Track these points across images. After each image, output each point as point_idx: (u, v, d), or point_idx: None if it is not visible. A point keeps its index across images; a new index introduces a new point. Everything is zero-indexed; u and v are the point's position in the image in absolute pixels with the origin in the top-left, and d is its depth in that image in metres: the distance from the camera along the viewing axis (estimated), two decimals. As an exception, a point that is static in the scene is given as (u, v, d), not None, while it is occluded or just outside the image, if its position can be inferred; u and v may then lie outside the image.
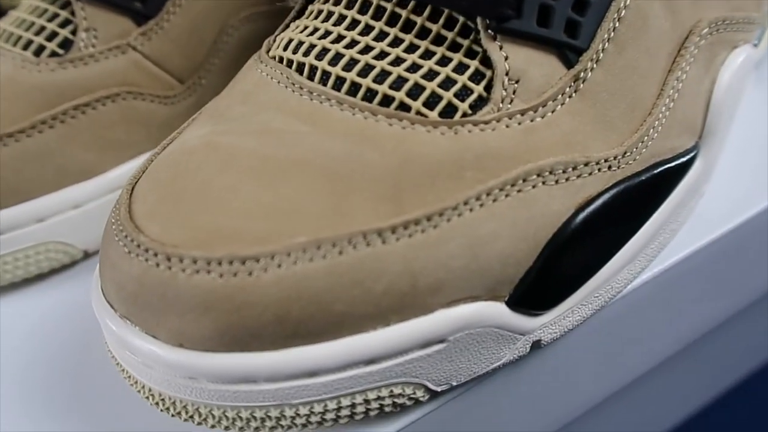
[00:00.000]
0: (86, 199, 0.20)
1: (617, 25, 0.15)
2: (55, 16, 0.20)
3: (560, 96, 0.15)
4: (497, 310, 0.14)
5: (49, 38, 0.20)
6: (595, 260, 0.15)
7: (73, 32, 0.20)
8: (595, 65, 0.15)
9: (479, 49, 0.15)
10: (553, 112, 0.15)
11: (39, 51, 0.20)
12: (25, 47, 0.20)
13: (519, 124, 0.14)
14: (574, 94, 0.15)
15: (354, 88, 0.15)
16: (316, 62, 0.15)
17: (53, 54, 0.20)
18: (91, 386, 0.18)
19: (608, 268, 0.15)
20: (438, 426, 0.15)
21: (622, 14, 0.15)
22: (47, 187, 0.19)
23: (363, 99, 0.14)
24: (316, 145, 0.14)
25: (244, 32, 0.23)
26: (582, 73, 0.15)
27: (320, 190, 0.13)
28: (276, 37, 0.18)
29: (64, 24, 0.20)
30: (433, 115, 0.14)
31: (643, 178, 0.15)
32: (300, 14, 0.18)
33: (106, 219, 0.21)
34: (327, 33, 0.16)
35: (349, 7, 0.16)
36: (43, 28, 0.20)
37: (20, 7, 0.21)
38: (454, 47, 0.15)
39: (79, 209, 0.20)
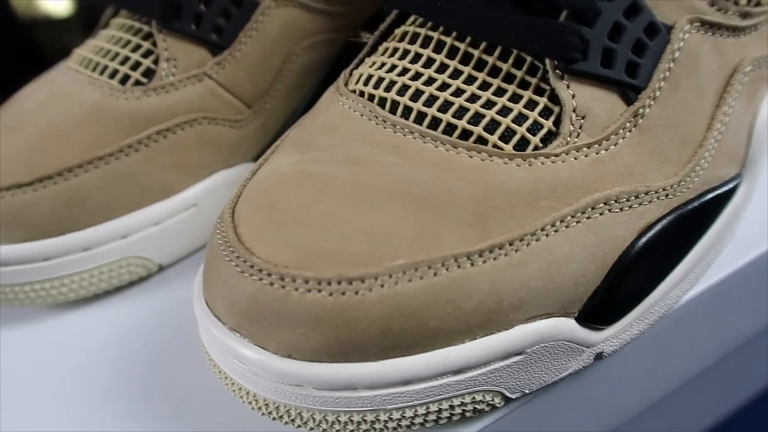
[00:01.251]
0: (164, 217, 0.22)
1: (672, 65, 0.17)
2: (138, 47, 0.22)
3: (621, 130, 0.16)
4: (568, 326, 0.15)
5: (134, 68, 0.21)
6: (652, 280, 0.17)
7: (155, 62, 0.21)
8: (652, 102, 0.16)
9: (547, 87, 0.16)
10: (615, 145, 0.16)
11: (124, 80, 0.21)
12: (112, 76, 0.21)
13: (586, 156, 0.16)
14: (633, 129, 0.16)
15: (434, 123, 0.16)
16: (397, 98, 0.17)
17: (137, 83, 0.21)
18: (171, 388, 0.19)
19: (663, 286, 0.17)
20: (510, 427, 0.16)
21: (676, 55, 0.17)
22: (131, 206, 0.21)
23: (443, 132, 0.16)
24: (405, 175, 0.15)
25: (305, 59, 0.24)
26: (641, 110, 0.16)
27: (412, 217, 0.15)
28: (351, 71, 0.19)
29: (146, 54, 0.21)
30: (509, 148, 0.16)
31: (696, 204, 0.17)
32: (372, 51, 0.19)
33: (181, 235, 0.23)
34: (405, 70, 0.17)
35: (424, 46, 0.18)
36: (127, 59, 0.21)
37: (100, 36, 0.23)
38: (524, 85, 0.16)
39: (158, 226, 0.22)
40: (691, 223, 0.17)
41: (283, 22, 0.23)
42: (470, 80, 0.17)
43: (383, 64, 0.18)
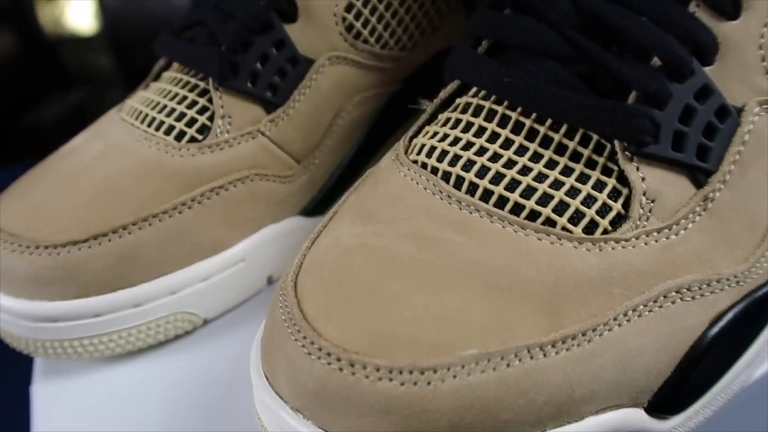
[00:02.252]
0: (213, 273, 0.22)
1: (742, 148, 0.17)
2: (194, 103, 0.22)
3: (691, 215, 0.16)
4: (638, 416, 0.15)
5: (189, 124, 0.21)
6: (721, 367, 0.16)
7: (210, 119, 0.21)
8: (722, 186, 0.16)
9: (614, 167, 0.16)
10: (685, 230, 0.16)
11: (180, 136, 0.21)
12: (168, 132, 0.21)
13: (656, 241, 0.15)
14: (703, 213, 0.16)
15: (501, 201, 0.16)
16: (462, 173, 0.17)
17: (192, 139, 0.21)
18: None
19: (731, 372, 0.16)
20: None
21: (746, 138, 0.17)
22: (182, 263, 0.21)
23: (511, 212, 0.16)
24: (474, 256, 0.15)
25: (355, 114, 0.24)
26: (711, 194, 0.16)
27: (483, 302, 0.14)
28: (410, 139, 0.19)
29: (202, 111, 0.22)
30: (577, 230, 0.15)
31: (766, 290, 0.16)
32: (432, 119, 0.19)
33: (228, 289, 0.23)
34: (469, 144, 0.17)
35: (488, 119, 0.17)
36: (183, 115, 0.21)
37: (153, 89, 0.23)
38: (591, 164, 0.16)
39: (206, 282, 0.22)
40: (761, 308, 0.17)
41: (336, 80, 0.23)
42: (536, 158, 0.17)
43: (446, 136, 0.18)
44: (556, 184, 0.16)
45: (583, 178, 0.16)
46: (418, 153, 0.18)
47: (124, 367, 0.22)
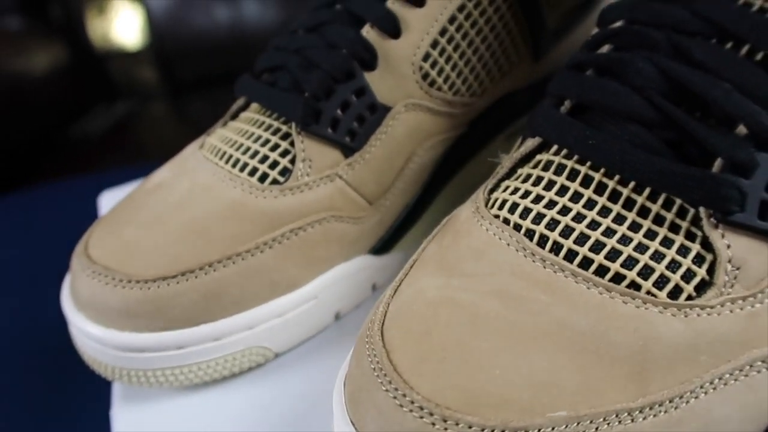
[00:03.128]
0: (288, 309, 0.23)
1: (827, 218, 0.17)
2: (277, 146, 0.23)
3: (777, 284, 0.16)
4: (721, 484, 0.15)
5: (272, 166, 0.22)
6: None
7: (292, 161, 0.22)
8: (807, 256, 0.16)
9: (698, 233, 0.16)
10: (770, 298, 0.16)
11: (263, 178, 0.22)
12: (252, 173, 0.22)
13: (741, 309, 0.16)
14: (788, 282, 0.16)
15: (586, 262, 0.16)
16: (546, 231, 0.17)
17: (275, 181, 0.22)
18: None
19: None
20: None
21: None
22: (260, 300, 0.22)
23: (595, 273, 0.16)
24: (560, 317, 0.16)
25: (425, 158, 0.25)
26: (796, 263, 0.16)
27: (571, 365, 0.15)
28: (490, 192, 0.20)
29: (284, 154, 0.23)
30: (662, 295, 0.16)
31: None
32: (510, 174, 0.20)
33: (300, 325, 0.23)
34: (552, 203, 0.18)
35: (570, 179, 0.18)
36: (266, 157, 0.22)
37: (234, 129, 0.24)
38: (674, 228, 0.17)
39: (281, 318, 0.22)
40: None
41: (410, 126, 0.24)
42: (620, 220, 0.17)
43: (527, 193, 0.18)
44: (641, 248, 0.16)
45: (667, 243, 0.16)
46: (500, 208, 0.19)
47: (199, 395, 0.22)
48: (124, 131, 0.98)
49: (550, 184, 0.18)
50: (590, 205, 0.17)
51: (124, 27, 1.16)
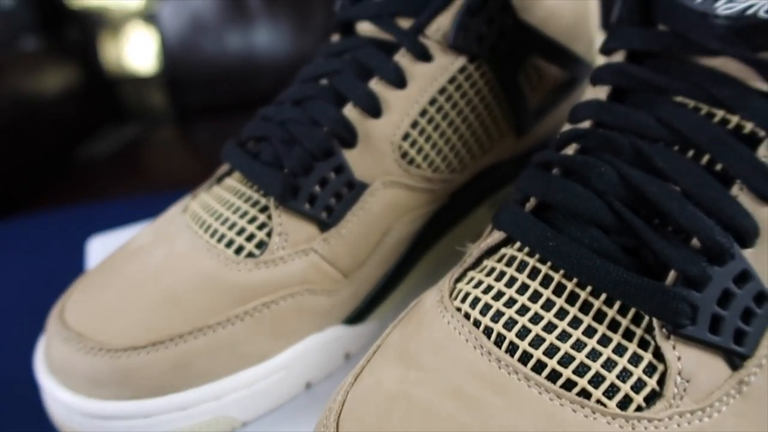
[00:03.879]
0: (257, 380, 0.23)
1: (778, 330, 0.17)
2: (255, 219, 0.23)
3: (725, 397, 0.16)
4: None
5: (249, 239, 0.23)
6: None
7: (269, 234, 0.23)
8: (758, 370, 0.17)
9: (651, 341, 0.17)
10: (719, 413, 0.16)
11: (239, 250, 0.23)
12: (228, 245, 0.23)
13: (689, 423, 0.16)
14: (737, 396, 0.17)
15: (540, 366, 0.17)
16: (504, 331, 0.18)
17: (250, 254, 0.23)
18: None
19: None
20: None
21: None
22: (229, 371, 0.22)
23: (548, 378, 0.17)
24: (510, 423, 0.16)
25: (402, 232, 0.26)
26: (746, 378, 0.17)
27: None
28: (455, 282, 0.20)
29: (261, 227, 0.23)
30: (612, 405, 0.16)
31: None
32: (476, 265, 0.20)
33: (268, 396, 0.24)
34: (512, 301, 0.18)
35: (531, 277, 0.18)
36: (243, 230, 0.23)
37: (216, 195, 0.25)
38: (628, 335, 0.17)
39: (249, 389, 0.23)
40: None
41: (388, 202, 0.25)
42: (575, 323, 0.17)
43: (489, 288, 0.19)
44: (594, 354, 0.17)
45: (620, 350, 0.17)
46: (462, 301, 0.19)
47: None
48: (130, 155, 0.99)
49: (511, 281, 0.19)
50: (548, 306, 0.18)
51: (137, 52, 1.19)
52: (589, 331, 0.17)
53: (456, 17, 0.24)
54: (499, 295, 0.18)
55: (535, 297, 0.18)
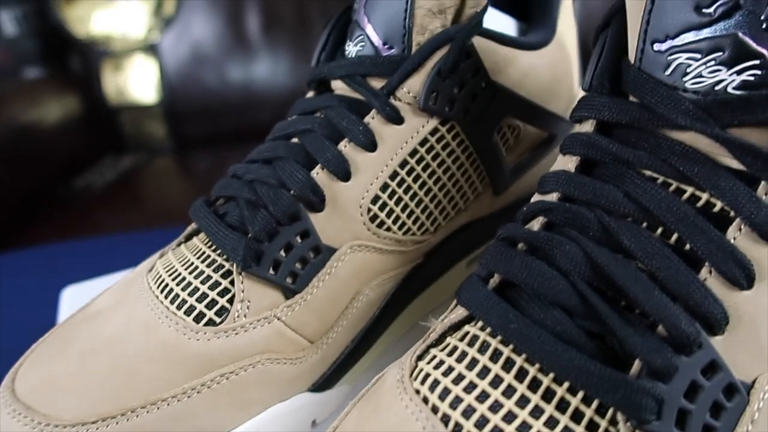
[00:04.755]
0: (214, 455, 0.22)
1: (750, 428, 0.16)
2: (217, 284, 0.23)
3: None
4: None
5: (209, 306, 0.22)
6: None
7: (230, 301, 0.22)
8: None
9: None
10: None
11: (199, 318, 0.22)
12: (188, 312, 0.22)
13: None
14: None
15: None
16: (461, 420, 0.17)
17: (210, 321, 0.22)
18: None
19: None
20: None
21: (755, 417, 0.16)
22: (184, 445, 0.21)
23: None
24: None
25: (372, 295, 0.25)
26: None
27: None
28: (418, 359, 0.19)
29: (223, 293, 0.22)
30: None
31: None
32: (439, 341, 0.19)
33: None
34: (472, 385, 0.17)
35: (493, 360, 0.18)
36: (205, 296, 0.22)
37: (181, 256, 0.24)
38: (592, 427, 0.16)
39: (205, 463, 0.22)
40: None
41: (356, 266, 0.24)
42: (537, 413, 0.16)
43: (450, 370, 0.18)
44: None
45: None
46: (422, 383, 0.18)
47: None
48: (128, 185, 0.99)
49: (472, 363, 0.18)
50: (509, 393, 0.17)
51: (138, 82, 1.20)
52: (551, 423, 0.16)
53: (427, 80, 0.23)
54: (459, 379, 0.18)
55: (496, 382, 0.17)
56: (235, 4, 1.03)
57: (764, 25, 0.17)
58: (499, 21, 0.29)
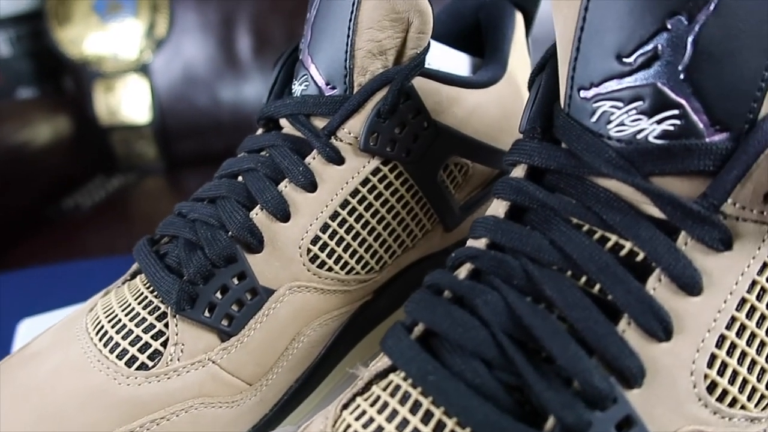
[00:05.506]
0: (144, 502, 0.22)
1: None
2: (152, 327, 0.22)
3: None
4: None
5: (142, 349, 0.22)
6: None
7: (164, 344, 0.22)
8: None
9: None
10: None
11: (131, 362, 0.22)
12: (120, 356, 0.22)
13: None
14: None
15: None
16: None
17: (142, 365, 0.22)
18: None
19: None
20: None
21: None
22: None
23: None
24: None
25: (313, 336, 0.25)
26: None
27: None
28: (343, 409, 0.19)
29: (157, 336, 0.22)
30: None
31: None
32: (365, 389, 0.19)
33: None
34: (389, 439, 0.17)
35: (413, 411, 0.17)
36: (138, 339, 0.22)
37: (121, 300, 0.24)
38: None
39: None
40: None
41: (295, 307, 0.24)
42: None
43: (371, 420, 0.18)
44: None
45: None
46: (345, 438, 0.18)
47: None
48: (117, 204, 0.99)
49: (392, 415, 0.18)
50: (424, 447, 0.17)
51: (130, 102, 1.20)
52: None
53: (367, 121, 0.23)
54: (378, 431, 0.17)
55: (414, 437, 0.17)
56: (226, 26, 1.04)
57: (682, 76, 0.17)
58: (451, 58, 0.29)
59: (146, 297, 0.23)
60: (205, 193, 0.25)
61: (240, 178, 0.25)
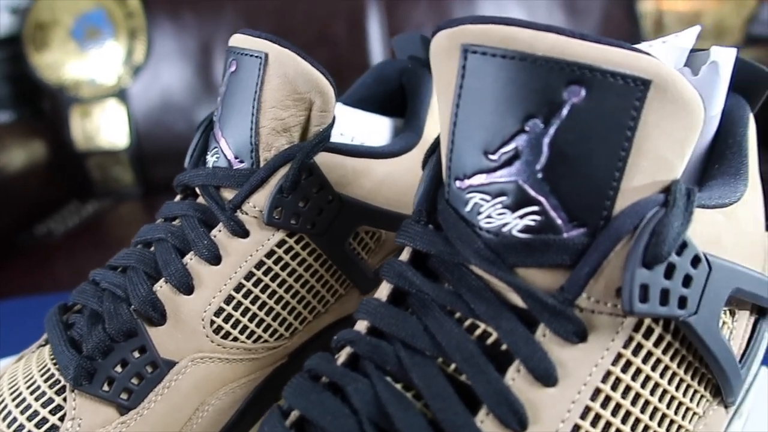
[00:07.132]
0: None
1: None
2: (50, 401, 0.23)
3: None
4: None
5: (39, 425, 0.22)
6: None
7: (62, 419, 0.22)
8: None
9: None
10: None
11: (27, 438, 0.22)
12: None
13: None
14: None
15: None
16: None
17: (38, 442, 0.22)
18: None
19: None
20: None
21: None
22: None
23: None
24: None
25: (218, 405, 0.25)
26: None
27: None
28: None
29: (55, 410, 0.22)
30: None
31: None
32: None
33: None
34: None
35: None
36: (36, 413, 0.22)
37: (27, 374, 0.24)
38: None
39: None
40: None
41: (198, 378, 0.24)
42: None
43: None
44: None
45: None
46: None
47: None
48: (91, 230, 0.99)
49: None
50: None
51: (107, 127, 1.21)
52: None
53: (270, 196, 0.24)
54: None
55: None
56: (204, 52, 1.05)
57: (540, 175, 0.18)
58: (371, 123, 0.30)
59: (49, 369, 0.24)
60: (118, 261, 0.26)
61: (152, 248, 0.25)
